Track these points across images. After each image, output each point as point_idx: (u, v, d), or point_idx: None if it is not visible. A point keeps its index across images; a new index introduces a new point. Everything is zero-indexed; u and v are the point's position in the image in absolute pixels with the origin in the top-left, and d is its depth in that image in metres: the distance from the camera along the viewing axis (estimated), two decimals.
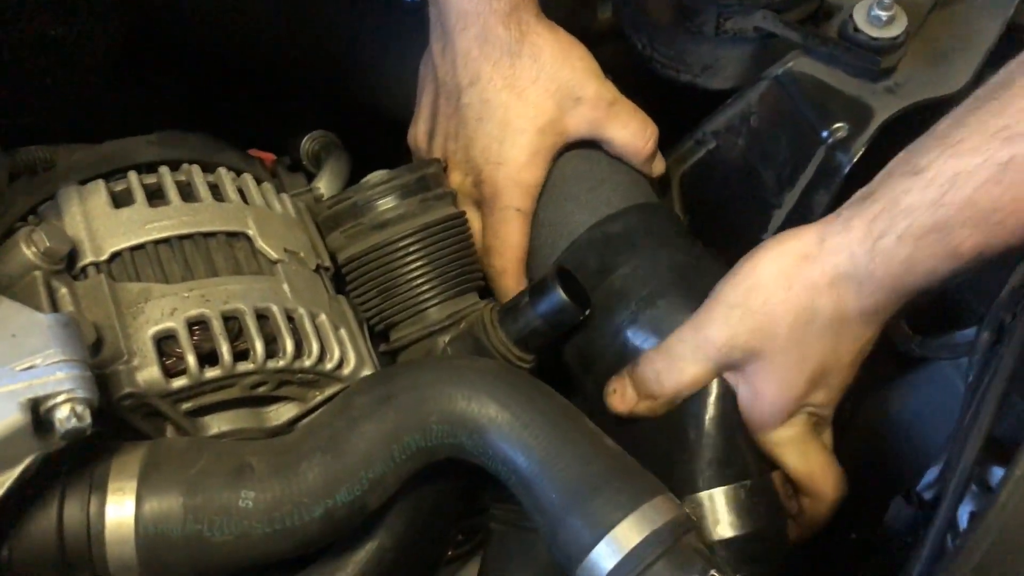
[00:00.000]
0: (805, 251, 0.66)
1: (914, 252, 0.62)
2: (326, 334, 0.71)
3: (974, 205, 0.59)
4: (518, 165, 0.80)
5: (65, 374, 0.53)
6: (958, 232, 0.60)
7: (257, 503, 0.60)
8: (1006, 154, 0.57)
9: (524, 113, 0.79)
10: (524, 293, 0.75)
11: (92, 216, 0.70)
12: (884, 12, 0.72)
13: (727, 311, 0.68)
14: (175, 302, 0.67)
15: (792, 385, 0.68)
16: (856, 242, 0.64)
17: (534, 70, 0.79)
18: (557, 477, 0.61)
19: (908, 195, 0.61)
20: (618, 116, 0.81)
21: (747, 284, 0.68)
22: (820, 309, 0.66)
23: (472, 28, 0.79)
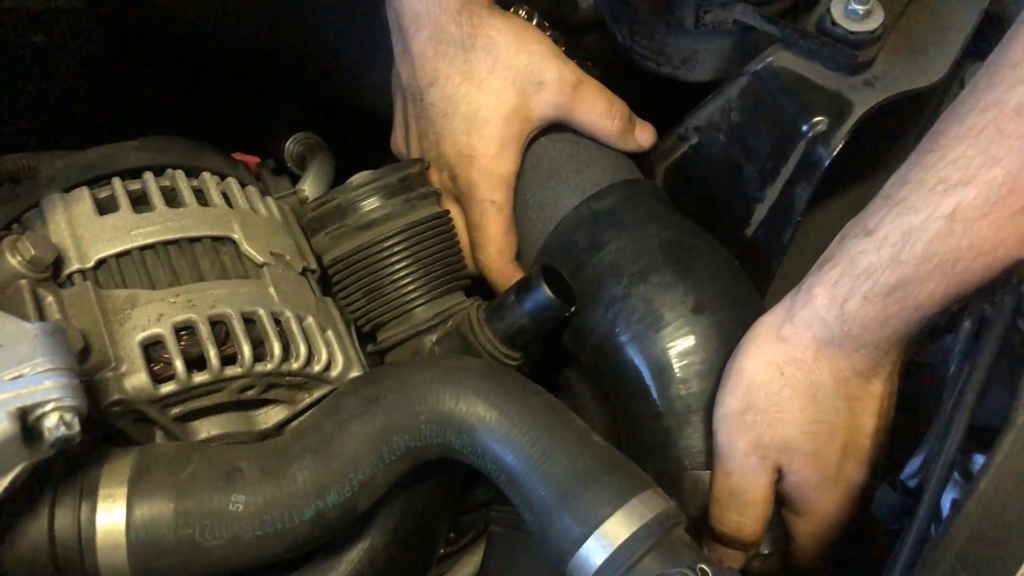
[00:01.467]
0: (779, 333, 0.67)
1: (883, 310, 0.62)
2: (313, 336, 0.71)
3: (931, 259, 0.60)
4: (488, 157, 0.80)
5: (53, 383, 0.53)
6: (922, 285, 0.61)
7: (248, 506, 0.60)
8: (949, 205, 0.58)
9: (486, 104, 0.80)
10: (510, 291, 0.75)
11: (77, 223, 0.70)
12: (861, 6, 0.73)
13: (739, 419, 0.68)
14: (162, 308, 0.67)
15: (827, 463, 0.68)
16: (823, 309, 0.64)
17: (489, 60, 0.79)
18: (546, 474, 0.62)
19: (864, 256, 0.62)
20: (583, 98, 0.81)
21: (742, 388, 0.68)
22: (821, 382, 0.66)
23: (425, 29, 0.79)
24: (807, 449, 0.67)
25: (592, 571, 0.59)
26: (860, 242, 0.63)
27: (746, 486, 0.69)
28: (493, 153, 0.80)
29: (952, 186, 0.58)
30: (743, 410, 0.68)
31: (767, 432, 0.67)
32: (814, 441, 0.67)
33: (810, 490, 0.69)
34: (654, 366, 0.74)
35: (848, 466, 0.69)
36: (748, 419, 0.68)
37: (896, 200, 0.61)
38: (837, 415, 0.67)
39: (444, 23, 0.79)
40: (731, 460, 0.69)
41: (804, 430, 0.67)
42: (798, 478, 0.68)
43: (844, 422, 0.67)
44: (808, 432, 0.67)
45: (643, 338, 0.74)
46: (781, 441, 0.67)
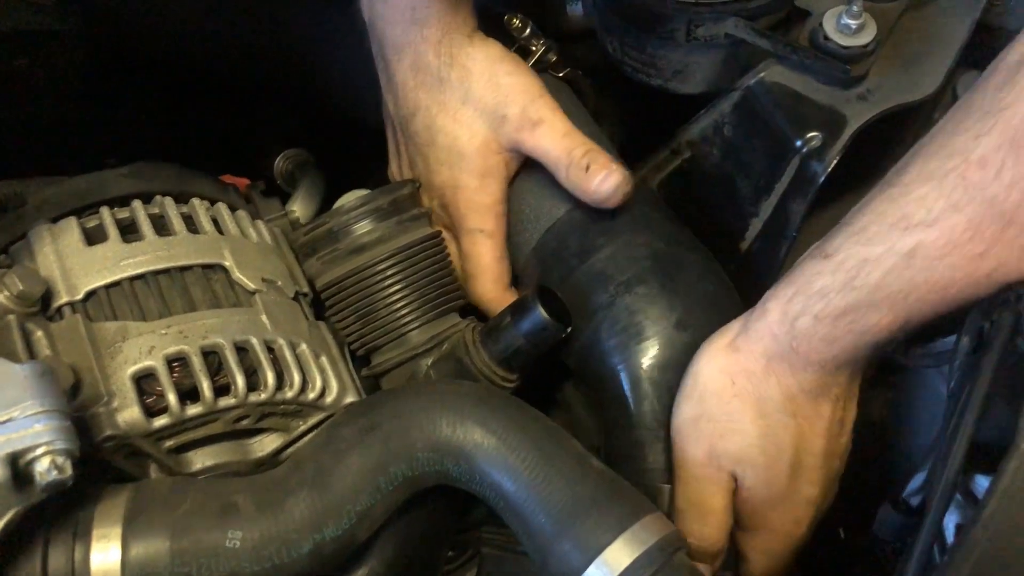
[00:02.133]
0: (734, 343, 0.68)
1: (832, 331, 0.63)
2: (307, 363, 0.71)
3: (885, 288, 0.60)
4: (472, 189, 0.81)
5: (44, 426, 0.52)
6: (872, 313, 0.62)
7: (245, 542, 0.59)
8: (908, 243, 0.59)
9: (461, 135, 0.80)
10: (505, 313, 0.75)
11: (65, 255, 0.70)
12: (854, 20, 0.72)
13: (693, 427, 0.69)
14: (153, 340, 0.66)
15: (777, 478, 0.68)
16: (775, 324, 0.65)
17: (461, 91, 0.80)
18: (545, 501, 0.61)
19: (819, 278, 0.63)
20: (540, 139, 0.79)
21: (697, 394, 0.69)
22: (769, 395, 0.67)
23: (406, 59, 0.80)
24: (758, 462, 0.68)
25: None
26: (817, 264, 0.64)
27: (705, 495, 0.69)
28: (475, 185, 0.81)
29: (914, 225, 0.59)
30: (697, 417, 0.68)
31: (720, 442, 0.68)
32: (765, 454, 0.67)
33: (760, 504, 0.69)
34: (631, 378, 0.74)
35: (797, 484, 0.69)
36: (702, 427, 0.68)
37: (856, 229, 0.62)
38: (785, 430, 0.67)
39: (423, 52, 0.79)
40: (688, 469, 0.70)
41: (755, 443, 0.67)
42: (749, 492, 0.69)
43: (792, 438, 0.67)
44: (758, 445, 0.67)
45: (624, 348, 0.74)
46: (734, 451, 0.68)
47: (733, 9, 0.74)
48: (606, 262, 0.76)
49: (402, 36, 0.79)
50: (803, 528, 0.71)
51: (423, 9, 0.78)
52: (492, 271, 0.82)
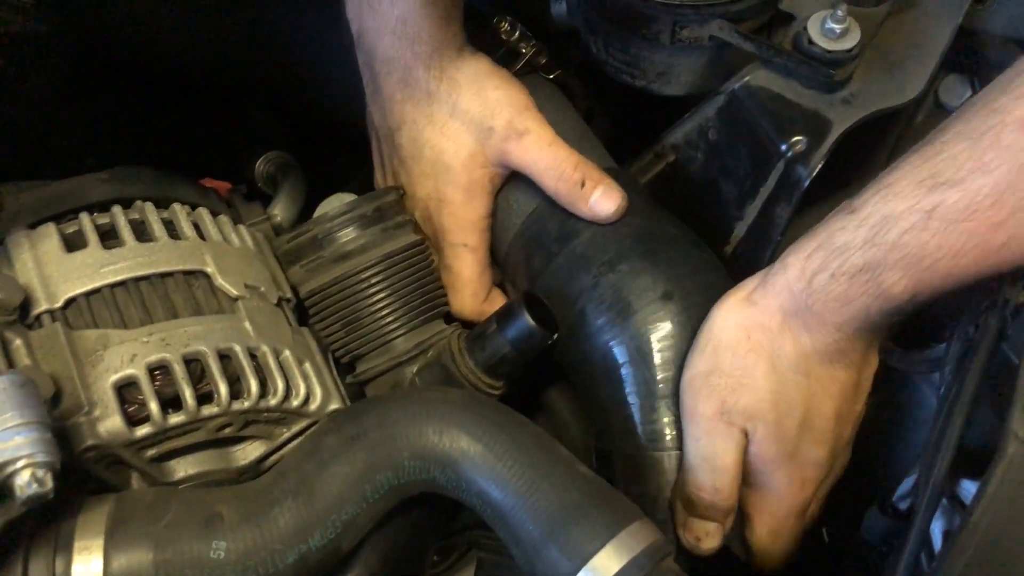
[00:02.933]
0: (751, 297, 0.67)
1: (848, 290, 0.62)
2: (290, 370, 0.70)
3: (902, 248, 0.60)
4: (457, 203, 0.81)
5: (24, 438, 0.51)
6: (888, 273, 0.61)
7: (229, 553, 0.59)
8: (931, 202, 0.58)
9: (447, 149, 0.80)
10: (492, 319, 0.74)
11: (44, 262, 0.68)
12: (838, 25, 0.72)
13: (704, 382, 0.68)
14: (135, 348, 0.65)
15: (786, 436, 0.68)
16: (794, 279, 0.65)
17: (449, 105, 0.79)
18: (533, 508, 0.61)
19: (842, 233, 0.62)
20: (528, 149, 0.78)
21: (711, 347, 0.68)
22: (782, 352, 0.66)
23: (395, 72, 0.79)
24: (769, 418, 0.67)
25: None
26: (843, 218, 0.63)
27: (716, 451, 0.68)
28: (460, 199, 0.81)
29: (939, 183, 0.58)
30: (709, 372, 0.68)
31: (731, 396, 0.67)
32: (775, 410, 0.67)
33: (768, 462, 0.69)
34: (622, 353, 0.74)
35: (805, 444, 0.68)
36: (713, 382, 0.68)
37: (885, 184, 0.61)
38: (796, 388, 0.67)
39: (413, 67, 0.79)
40: (699, 425, 0.69)
41: (766, 398, 0.67)
42: (759, 448, 0.68)
43: (803, 397, 0.67)
44: (770, 401, 0.67)
45: (612, 326, 0.74)
46: (745, 406, 0.67)
47: (718, 11, 0.74)
48: (587, 245, 0.77)
49: (392, 50, 0.78)
50: (808, 491, 0.70)
51: (414, 24, 0.77)
52: (472, 285, 0.82)
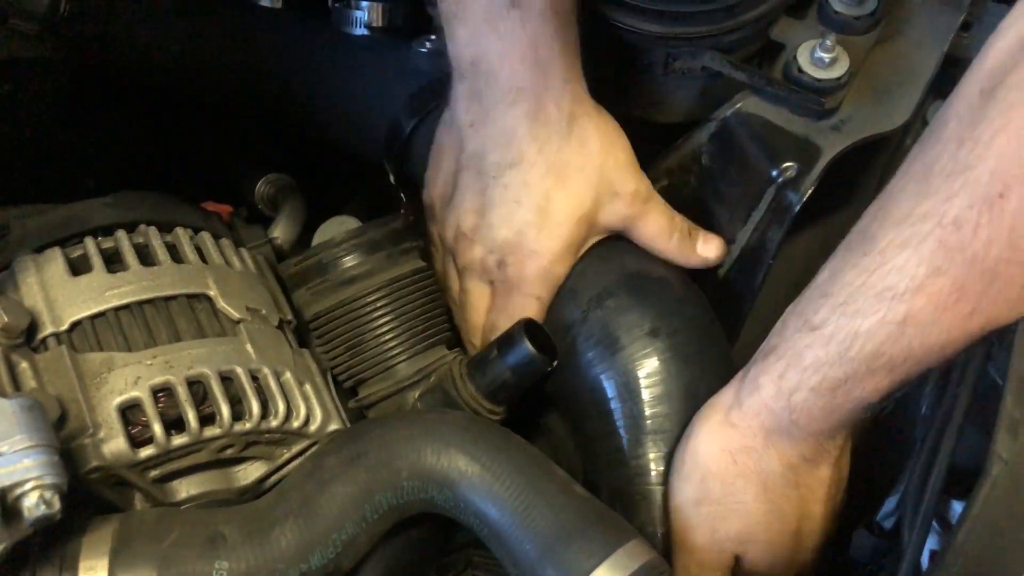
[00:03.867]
0: (730, 419, 0.68)
1: (830, 402, 0.63)
2: (291, 392, 0.71)
3: (881, 358, 0.60)
4: (552, 257, 0.78)
5: (32, 461, 0.52)
6: (869, 380, 0.62)
7: (231, 573, 0.60)
8: (900, 313, 0.59)
9: (566, 203, 0.77)
10: (492, 346, 0.75)
11: (50, 285, 0.70)
12: (827, 54, 0.74)
13: (695, 511, 0.69)
14: (139, 370, 0.66)
15: (781, 550, 0.69)
16: (770, 399, 0.65)
17: (580, 158, 0.76)
18: (530, 528, 0.62)
19: (810, 350, 0.63)
20: (649, 213, 0.79)
21: (698, 475, 0.69)
22: (771, 469, 0.67)
23: (522, 104, 0.75)
24: (761, 538, 0.68)
25: None
26: (805, 336, 0.63)
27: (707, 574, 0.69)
28: (557, 253, 0.78)
29: (900, 294, 0.59)
30: (698, 501, 0.69)
31: (723, 525, 0.68)
32: (768, 530, 0.68)
33: (763, 573, 0.70)
34: (611, 387, 0.75)
35: (800, 551, 0.70)
36: (704, 511, 0.68)
37: (840, 301, 0.62)
38: (788, 503, 0.68)
39: (544, 101, 0.74)
40: (690, 554, 0.70)
41: (759, 520, 0.68)
42: (752, 565, 0.69)
43: (795, 509, 0.68)
44: (763, 522, 0.68)
45: (600, 361, 0.76)
46: (737, 532, 0.68)
47: (709, 43, 0.76)
48: (576, 279, 0.78)
49: (519, 78, 0.74)
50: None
51: (545, 47, 0.73)
52: None
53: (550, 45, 0.73)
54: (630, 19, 0.75)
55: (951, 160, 0.57)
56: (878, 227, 0.61)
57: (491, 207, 0.78)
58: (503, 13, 0.72)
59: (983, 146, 0.56)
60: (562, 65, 0.74)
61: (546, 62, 0.74)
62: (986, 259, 0.56)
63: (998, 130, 0.55)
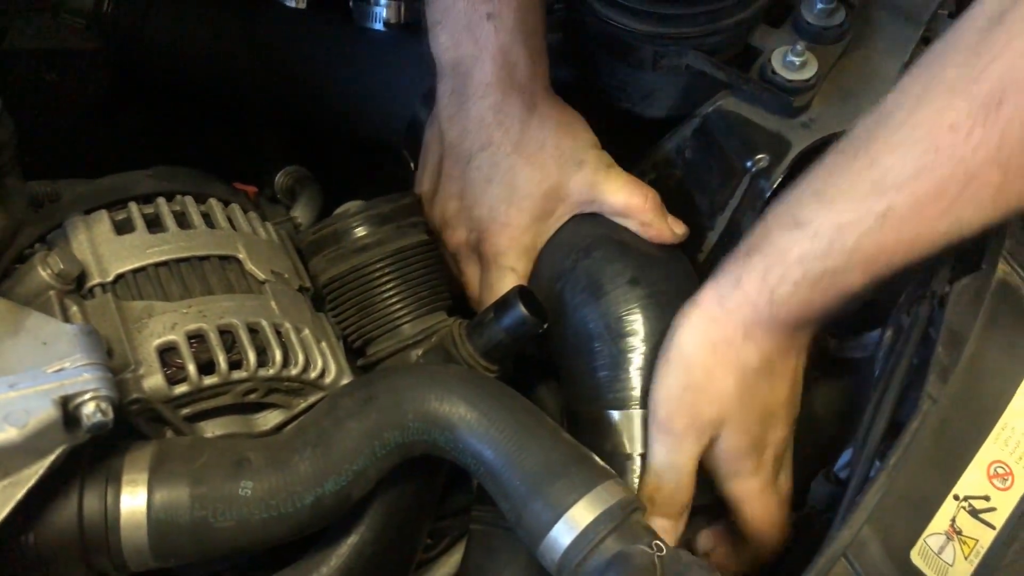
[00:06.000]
0: (711, 315, 0.73)
1: (810, 295, 0.69)
2: (310, 346, 0.79)
3: (860, 251, 0.66)
4: (521, 228, 0.86)
5: (90, 375, 0.60)
6: (849, 275, 0.68)
7: (255, 492, 0.66)
8: (881, 207, 0.65)
9: (531, 177, 0.85)
10: (489, 310, 0.82)
11: (97, 242, 0.77)
12: (797, 58, 0.83)
13: (679, 399, 0.75)
14: (175, 318, 0.74)
15: (749, 431, 0.75)
16: (753, 294, 0.71)
17: (541, 136, 0.85)
18: (520, 467, 0.68)
19: (796, 246, 0.68)
20: (614, 179, 0.86)
21: (682, 367, 0.74)
22: (748, 360, 0.73)
23: (490, 97, 0.85)
24: (736, 419, 0.74)
25: (561, 551, 0.65)
26: (791, 233, 0.69)
27: (683, 458, 0.75)
28: (526, 224, 0.86)
29: (885, 190, 0.64)
30: (682, 388, 0.74)
31: (706, 410, 0.74)
32: (741, 412, 0.74)
33: (738, 457, 0.76)
34: (595, 328, 0.82)
35: (769, 432, 0.76)
36: (688, 398, 0.74)
37: (828, 197, 0.67)
38: (761, 389, 0.74)
39: (509, 94, 0.84)
40: (671, 435, 0.75)
41: (734, 405, 0.74)
42: (727, 446, 0.75)
43: (765, 396, 0.75)
44: (737, 407, 0.74)
45: (586, 305, 0.83)
46: (716, 416, 0.74)
47: (694, 43, 0.85)
48: (569, 233, 0.86)
49: (490, 76, 0.84)
50: (774, 466, 0.78)
51: (515, 53, 0.84)
52: None
53: (518, 51, 0.84)
54: (623, 18, 0.84)
55: (955, 75, 0.62)
56: (871, 133, 0.67)
57: (468, 188, 0.88)
58: (480, 24, 0.83)
59: (987, 62, 0.61)
60: (526, 68, 0.85)
61: (513, 65, 0.84)
62: (971, 161, 0.61)
63: (1003, 48, 0.60)
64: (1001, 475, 0.60)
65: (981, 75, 0.61)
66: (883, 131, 0.66)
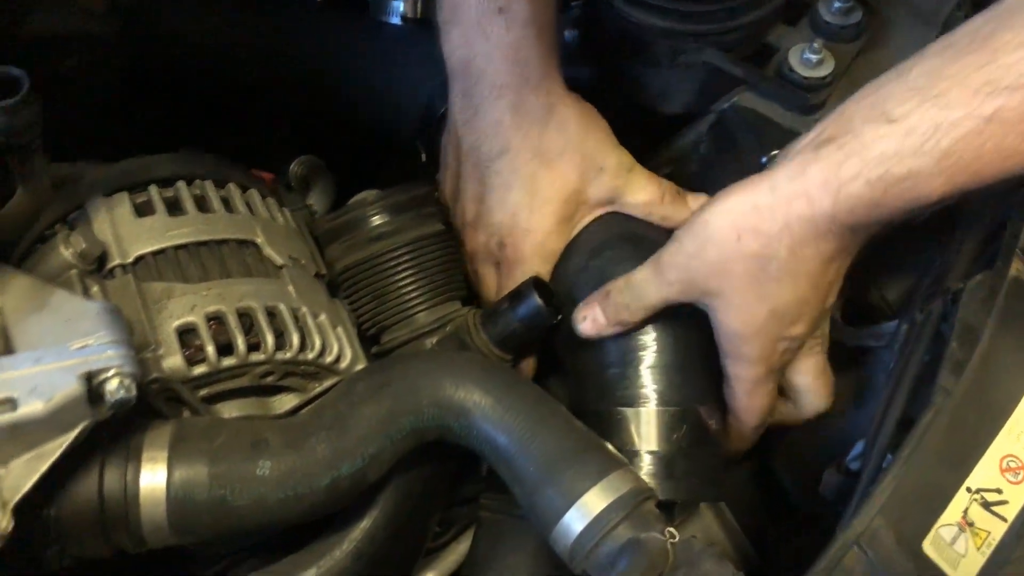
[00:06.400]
0: (755, 201, 0.69)
1: (882, 197, 0.64)
2: (326, 331, 0.80)
3: (952, 155, 0.61)
4: (544, 233, 0.85)
5: (114, 352, 0.61)
6: (931, 180, 0.62)
7: (272, 472, 0.67)
8: (990, 107, 0.60)
9: (552, 183, 0.84)
10: (504, 300, 0.83)
11: (118, 224, 0.78)
12: (814, 55, 0.84)
13: (686, 260, 0.74)
14: (195, 300, 0.75)
15: (752, 321, 0.73)
16: (815, 187, 0.66)
17: (561, 141, 0.83)
18: (533, 453, 0.69)
19: (882, 142, 0.63)
20: (635, 181, 0.85)
21: (702, 237, 0.72)
22: (773, 255, 0.69)
23: (505, 98, 0.83)
24: (737, 304, 0.72)
25: (573, 537, 0.66)
26: (879, 127, 0.64)
27: (652, 292, 0.76)
28: (549, 230, 0.85)
29: (1000, 89, 0.60)
30: (691, 254, 0.73)
31: (702, 281, 0.73)
32: (746, 300, 0.72)
33: (733, 340, 0.75)
34: None
35: (781, 327, 0.73)
36: (692, 264, 0.73)
37: (932, 93, 0.62)
38: (777, 285, 0.71)
39: (524, 94, 0.82)
40: (656, 275, 0.75)
41: (737, 288, 0.72)
42: (725, 324, 0.74)
43: (781, 293, 0.71)
44: (740, 291, 0.72)
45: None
46: (711, 290, 0.73)
47: (711, 40, 0.85)
48: (582, 234, 0.86)
49: (504, 75, 0.82)
50: (782, 357, 0.76)
51: (527, 49, 0.82)
52: None
53: (530, 48, 0.82)
54: (642, 15, 0.84)
55: None
56: (993, 29, 0.62)
57: (488, 194, 0.86)
58: (491, 19, 0.81)
59: None
60: (540, 64, 0.83)
61: (525, 62, 0.82)
62: None
63: None
64: (1013, 469, 0.61)
65: None
66: (1009, 25, 0.61)
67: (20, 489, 0.58)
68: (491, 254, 0.89)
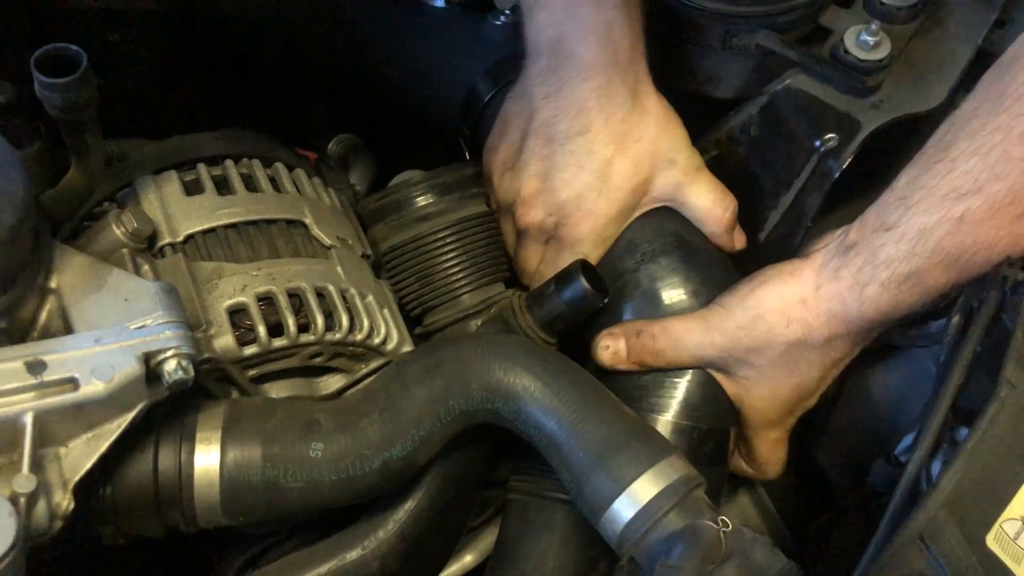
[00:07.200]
0: (803, 295, 0.77)
1: (897, 295, 0.73)
2: (374, 312, 0.79)
3: (941, 252, 0.70)
4: (606, 219, 0.85)
5: (172, 333, 0.61)
6: (931, 275, 0.71)
7: (326, 454, 0.68)
8: (959, 211, 0.69)
9: (625, 171, 0.84)
10: (550, 282, 0.83)
11: (168, 202, 0.78)
12: (871, 37, 0.82)
13: (735, 329, 0.79)
14: (245, 280, 0.74)
15: (779, 394, 0.80)
16: (845, 290, 0.75)
17: (640, 131, 0.84)
18: (583, 439, 0.68)
19: (884, 249, 0.73)
20: (702, 183, 0.86)
21: (754, 313, 0.79)
22: (812, 343, 0.77)
23: (593, 79, 0.83)
24: (768, 374, 0.80)
25: (623, 524, 0.66)
26: (881, 236, 0.73)
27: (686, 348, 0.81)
28: (611, 216, 0.85)
29: (962, 195, 0.69)
30: (741, 325, 0.79)
31: (743, 352, 0.79)
32: (775, 375, 0.80)
33: (758, 405, 0.82)
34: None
35: (799, 404, 0.82)
36: (739, 335, 0.79)
37: (912, 202, 0.72)
38: (808, 366, 0.79)
39: (612, 77, 0.83)
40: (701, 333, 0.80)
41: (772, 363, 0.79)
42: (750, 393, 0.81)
43: (809, 372, 0.79)
44: (774, 365, 0.79)
45: (642, 308, 0.83)
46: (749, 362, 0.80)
47: (765, 22, 0.84)
48: (636, 231, 0.86)
49: (594, 56, 0.82)
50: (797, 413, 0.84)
51: (617, 32, 0.82)
52: None
53: (620, 29, 0.83)
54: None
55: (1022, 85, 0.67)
56: (952, 139, 0.71)
57: (556, 171, 0.85)
58: (582, 1, 0.83)
59: None
60: (629, 47, 0.83)
61: (616, 43, 0.83)
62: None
63: None
64: None
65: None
66: (963, 136, 0.70)
67: (80, 469, 0.58)
68: (544, 232, 0.88)
